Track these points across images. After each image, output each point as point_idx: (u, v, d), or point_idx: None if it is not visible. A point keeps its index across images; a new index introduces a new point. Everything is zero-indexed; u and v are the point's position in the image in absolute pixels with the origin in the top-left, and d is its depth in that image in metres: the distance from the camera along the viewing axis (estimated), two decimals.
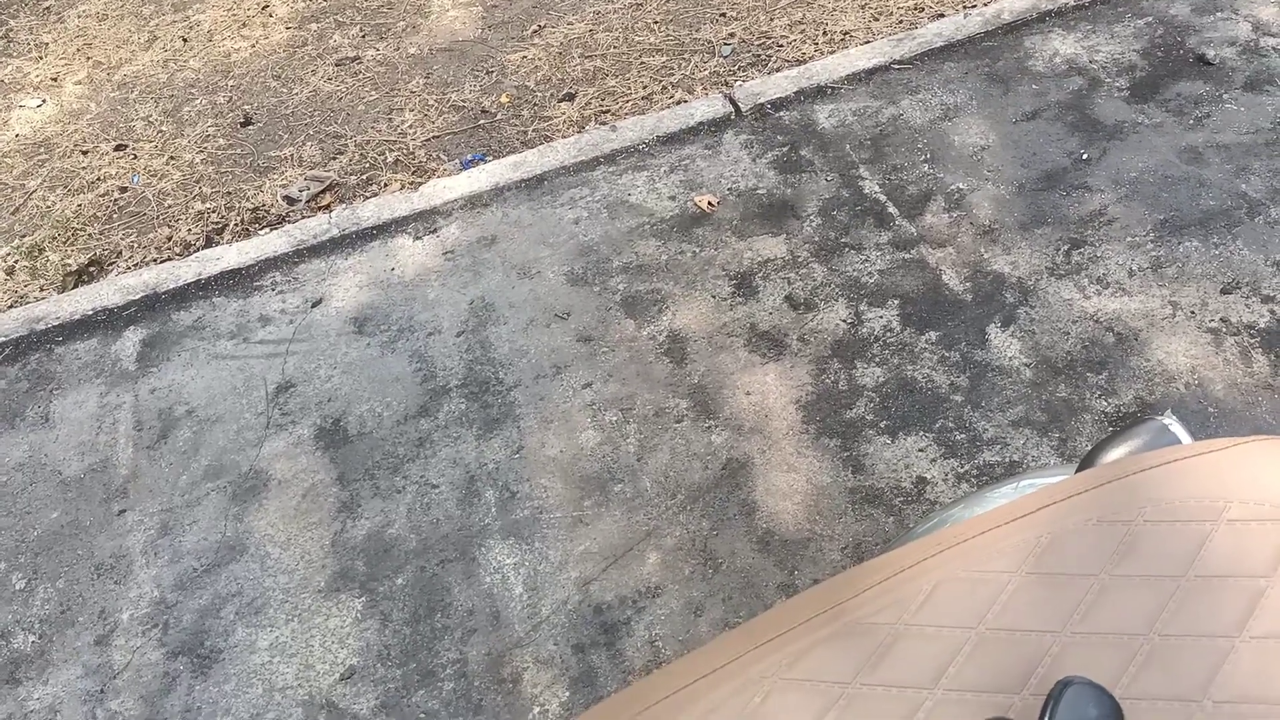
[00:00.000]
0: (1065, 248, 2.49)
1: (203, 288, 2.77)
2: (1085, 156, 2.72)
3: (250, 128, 3.39)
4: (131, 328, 2.68)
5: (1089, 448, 1.98)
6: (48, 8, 4.16)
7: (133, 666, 1.99)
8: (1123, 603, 0.82)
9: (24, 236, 3.06)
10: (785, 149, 2.90)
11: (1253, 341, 2.22)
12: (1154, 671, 0.77)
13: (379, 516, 2.16)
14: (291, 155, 3.24)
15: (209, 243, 2.98)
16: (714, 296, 2.52)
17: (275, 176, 3.16)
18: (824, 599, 0.88)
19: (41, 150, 3.41)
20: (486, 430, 2.29)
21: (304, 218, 2.98)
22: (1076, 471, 1.07)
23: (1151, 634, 0.80)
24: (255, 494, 2.24)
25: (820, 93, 3.07)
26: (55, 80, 3.73)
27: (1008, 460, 2.08)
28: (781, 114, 3.02)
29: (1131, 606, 0.81)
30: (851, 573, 0.91)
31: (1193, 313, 2.30)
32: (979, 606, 0.84)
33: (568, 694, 1.85)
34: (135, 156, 3.32)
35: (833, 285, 2.50)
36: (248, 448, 2.33)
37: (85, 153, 3.37)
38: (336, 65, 3.59)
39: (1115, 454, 1.16)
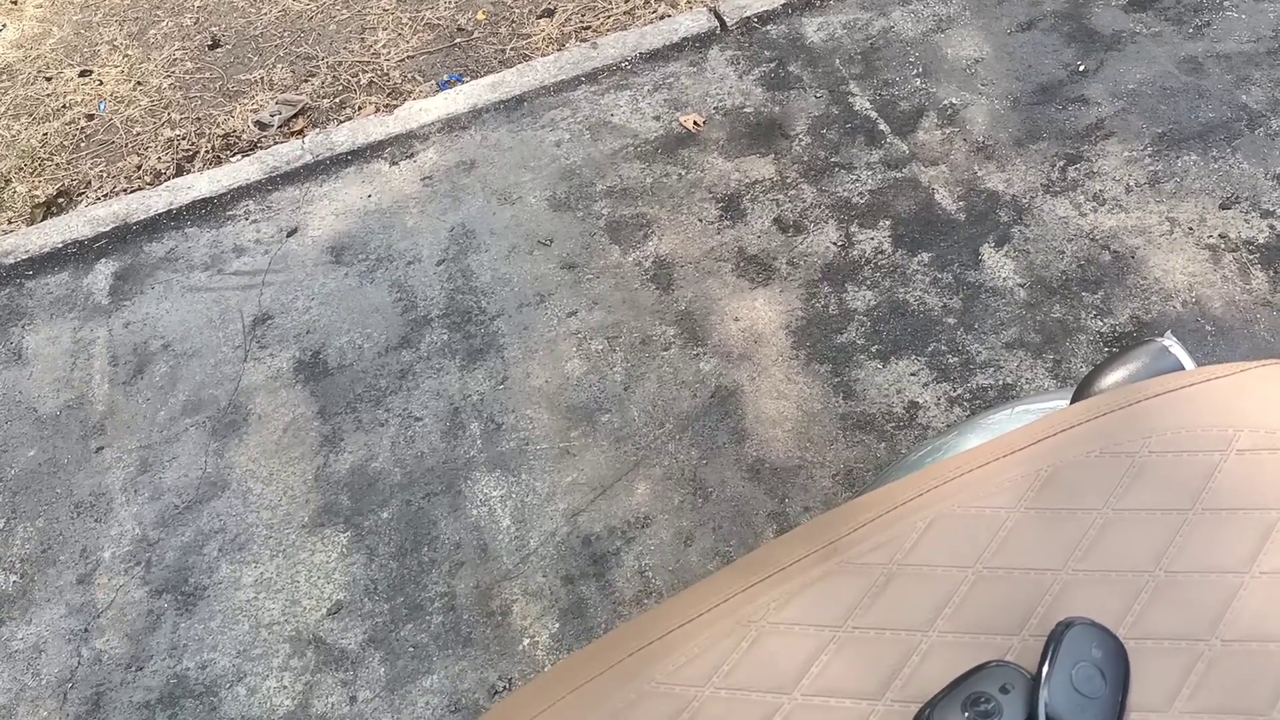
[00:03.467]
0: (1061, 164, 2.43)
1: (174, 218, 2.69)
2: (1082, 68, 2.64)
3: (218, 50, 3.27)
4: (103, 260, 2.61)
5: (1085, 371, 1.94)
6: None
7: (116, 605, 1.96)
8: (1127, 538, 0.78)
9: None
10: (773, 65, 2.81)
11: (1251, 258, 2.17)
12: (1160, 609, 0.74)
13: (362, 450, 2.12)
14: (262, 78, 3.13)
15: (180, 171, 2.89)
16: (701, 220, 2.45)
17: (246, 101, 3.06)
18: (815, 537, 0.84)
19: (3, 77, 3.29)
20: (470, 361, 2.24)
21: (276, 144, 2.88)
22: (1074, 397, 1.03)
23: (1157, 570, 0.76)
24: (235, 429, 2.20)
25: (808, 5, 2.96)
26: (15, 2, 3.59)
27: (1001, 384, 2.04)
28: (768, 28, 2.92)
29: (1136, 542, 0.78)
30: (843, 509, 0.87)
31: (1191, 229, 2.24)
32: (976, 544, 0.80)
33: (558, 625, 1.84)
34: (101, 82, 3.21)
35: (823, 206, 2.43)
36: (226, 382, 2.28)
37: (49, 79, 3.25)
38: None
39: (1114, 378, 1.11)
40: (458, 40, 3.16)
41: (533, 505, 2.00)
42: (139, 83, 3.18)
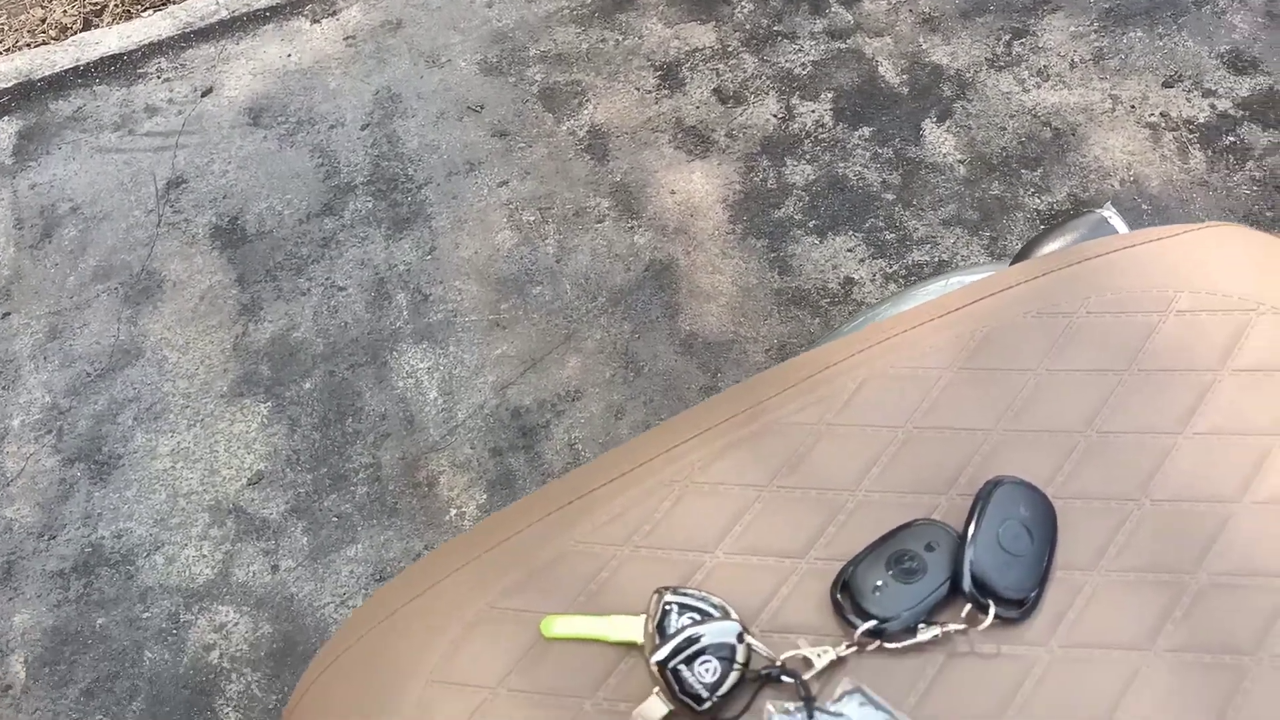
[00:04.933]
0: (1006, 38, 2.37)
1: (82, 75, 2.53)
2: None
3: None
4: (6, 118, 2.45)
5: (1021, 245, 1.93)
6: None
7: (27, 474, 1.90)
8: (1060, 399, 0.76)
9: None
10: None
11: (1191, 137, 2.15)
12: (1090, 469, 0.72)
13: (283, 320, 2.05)
14: None
15: (87, 25, 2.70)
16: (638, 89, 2.36)
17: None
18: (742, 399, 0.81)
19: None
20: (396, 230, 2.16)
21: None
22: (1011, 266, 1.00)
23: (1089, 431, 0.74)
24: (149, 296, 2.10)
25: None
26: None
27: (937, 260, 2.02)
28: None
29: (1069, 402, 0.76)
30: (772, 371, 0.84)
31: (1133, 107, 2.21)
32: (907, 405, 0.78)
33: (485, 496, 1.81)
34: None
35: (764, 77, 2.36)
36: (139, 247, 2.18)
37: None
38: None
39: (1052, 248, 1.09)
40: None
41: (461, 378, 1.96)
42: None
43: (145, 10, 2.71)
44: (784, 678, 0.66)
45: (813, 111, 2.28)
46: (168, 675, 1.67)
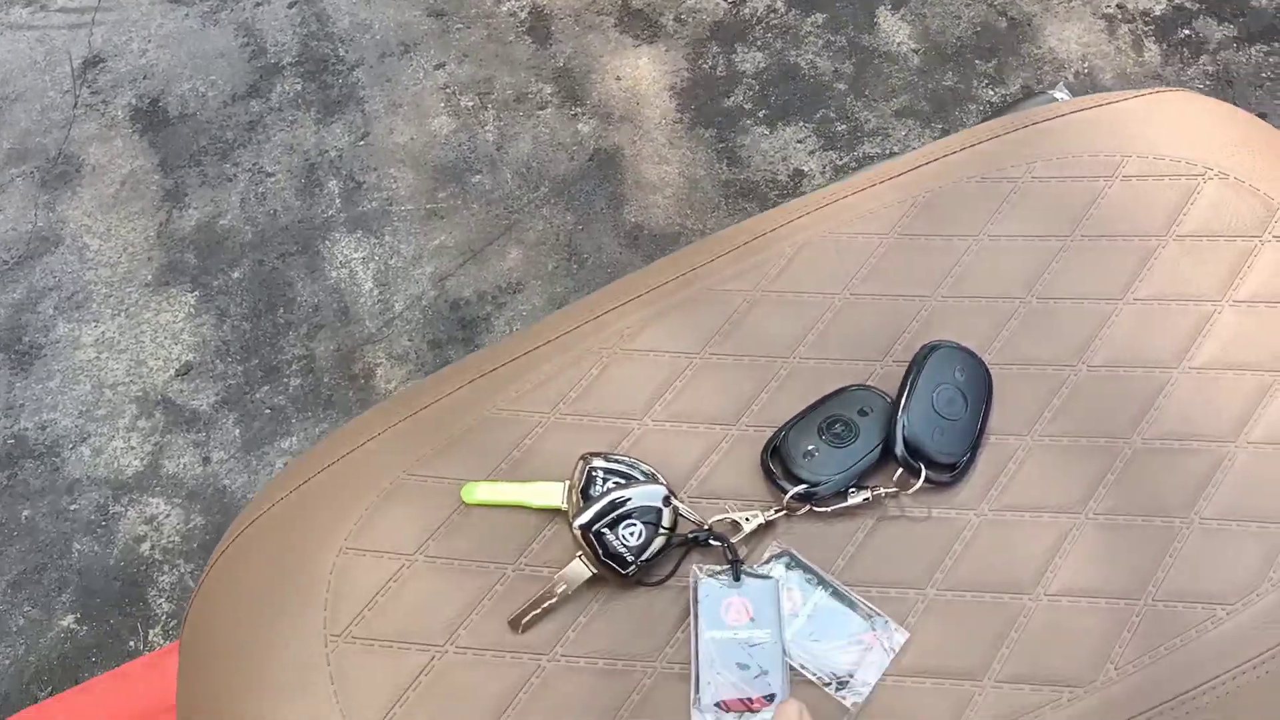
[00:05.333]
0: None
1: None
2: None
3: None
4: None
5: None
6: None
7: None
8: (1001, 265, 0.74)
9: None
10: None
11: (1147, 29, 2.12)
12: (1028, 336, 0.70)
13: (209, 206, 1.97)
14: None
15: None
16: None
17: None
18: (675, 266, 0.78)
19: None
20: (326, 114, 2.07)
21: None
22: None
23: (1029, 297, 0.72)
24: (67, 180, 2.01)
25: None
26: None
27: (888, 152, 1.98)
28: None
29: (1010, 269, 0.73)
30: (708, 239, 0.80)
31: None
32: (844, 271, 0.75)
33: None
34: None
35: None
36: (55, 129, 2.07)
37: None
38: None
39: None
40: None
41: (397, 268, 1.90)
42: None
43: None
44: (711, 541, 0.64)
45: None
46: (98, 567, 1.63)
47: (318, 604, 0.63)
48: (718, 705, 0.59)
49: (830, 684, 0.59)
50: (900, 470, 0.66)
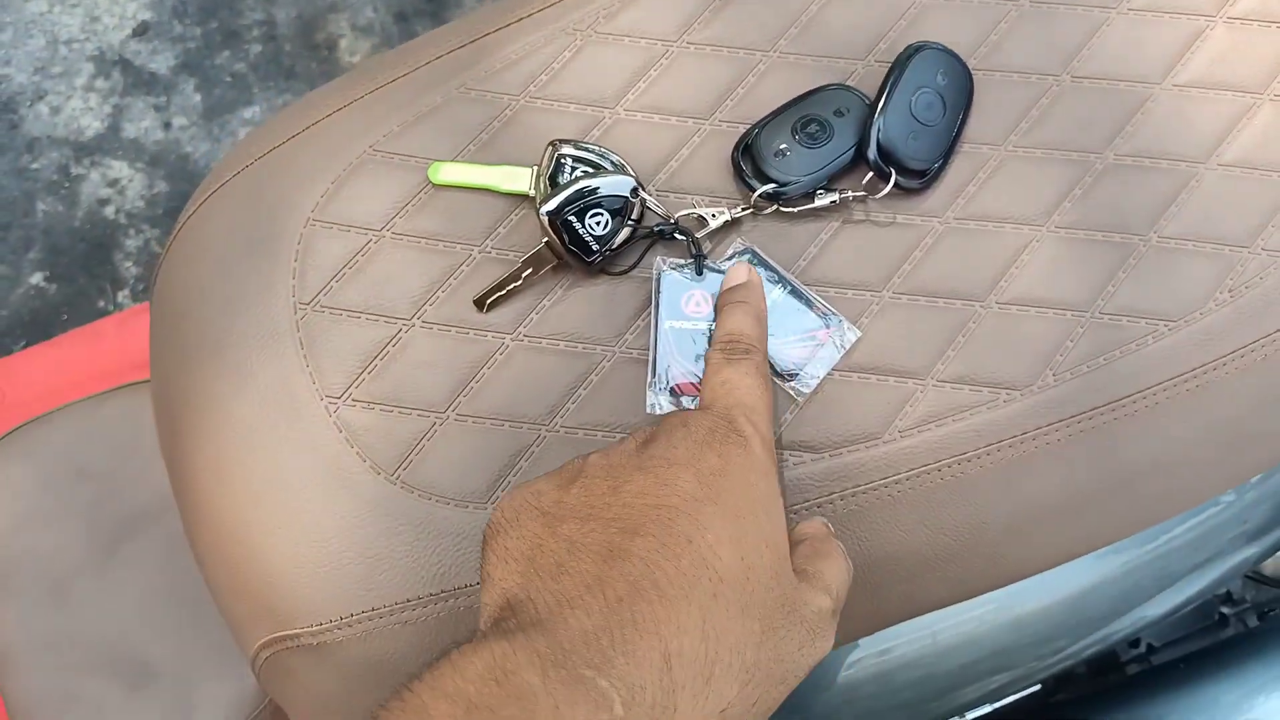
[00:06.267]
0: None
1: None
2: None
3: None
4: None
5: None
6: None
7: None
8: None
9: None
10: None
11: None
12: (1016, 41, 0.68)
13: None
14: None
15: None
16: None
17: None
18: None
19: None
20: None
21: None
22: None
23: (1022, 0, 0.69)
24: None
25: None
26: None
27: None
28: None
29: None
30: None
31: None
32: None
33: None
34: None
35: None
36: None
37: None
38: None
39: None
40: None
41: None
42: None
43: None
44: (677, 235, 0.65)
45: None
46: (63, 228, 1.63)
47: (285, 272, 0.64)
48: (673, 389, 0.62)
49: (781, 376, 0.61)
50: (870, 174, 0.65)
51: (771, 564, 0.46)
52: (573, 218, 0.62)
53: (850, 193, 0.65)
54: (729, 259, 0.65)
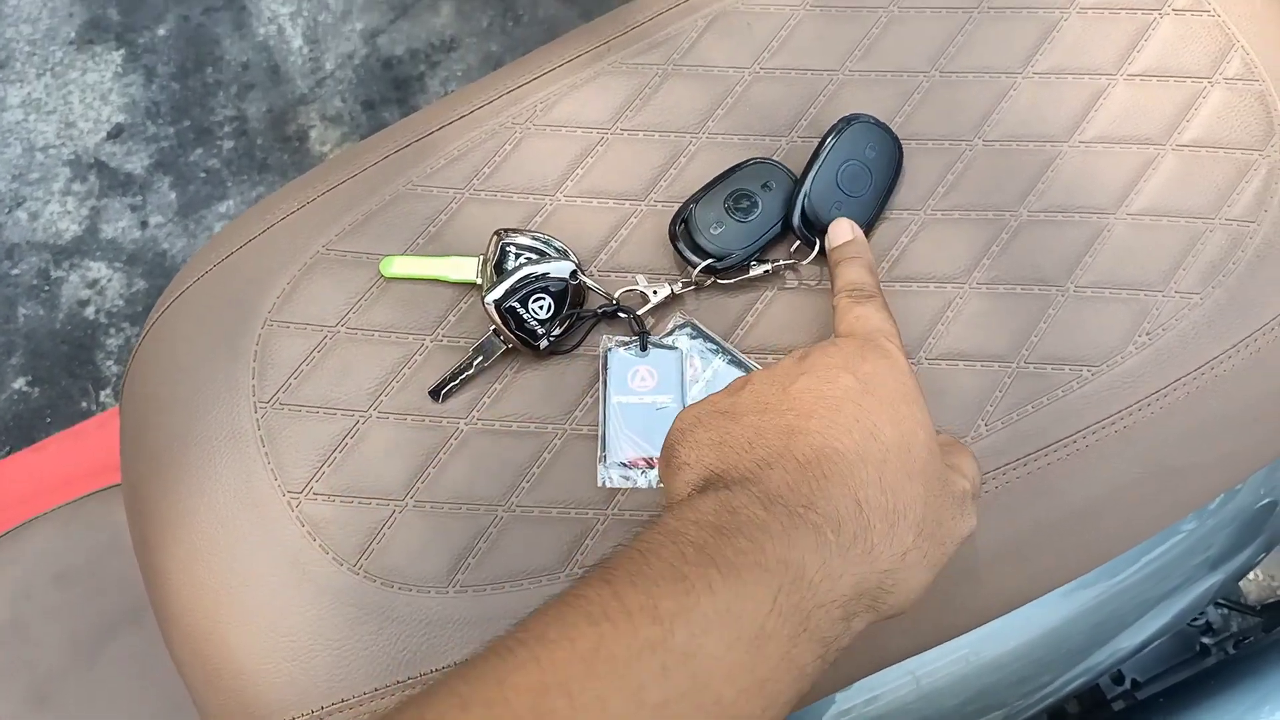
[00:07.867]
0: None
1: None
2: None
3: None
4: None
5: None
6: None
7: None
8: (908, 38, 0.74)
9: None
10: None
11: None
12: (929, 110, 0.72)
13: None
14: None
15: None
16: None
17: None
18: (587, 39, 0.78)
19: None
20: None
21: None
22: None
23: (933, 71, 0.73)
24: None
25: None
26: None
27: None
28: None
29: (916, 41, 0.74)
30: (619, 11, 0.80)
31: None
32: (756, 44, 0.75)
33: None
34: None
35: None
36: None
37: None
38: None
39: None
40: None
41: (327, 24, 1.84)
42: None
43: None
44: (620, 313, 0.68)
45: None
46: (44, 331, 1.66)
47: (245, 373, 0.67)
48: (623, 464, 0.64)
49: None
50: (798, 243, 0.69)
51: (925, 442, 0.51)
52: (516, 304, 0.66)
53: (781, 261, 0.68)
54: (670, 334, 0.68)
